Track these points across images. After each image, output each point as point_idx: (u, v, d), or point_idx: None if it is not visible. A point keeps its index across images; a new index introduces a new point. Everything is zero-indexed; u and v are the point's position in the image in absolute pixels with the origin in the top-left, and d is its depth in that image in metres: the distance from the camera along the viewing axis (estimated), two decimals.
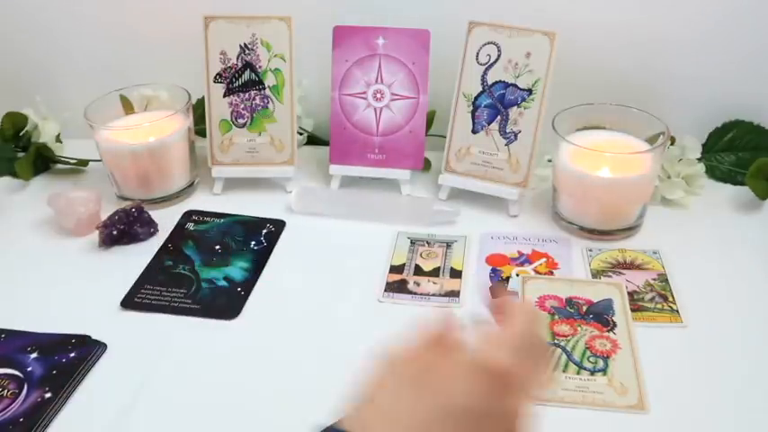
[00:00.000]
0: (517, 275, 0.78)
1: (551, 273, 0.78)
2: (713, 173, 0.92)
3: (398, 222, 0.86)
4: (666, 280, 0.76)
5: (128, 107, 0.94)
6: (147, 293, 0.76)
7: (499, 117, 0.86)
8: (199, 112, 0.96)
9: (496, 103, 0.85)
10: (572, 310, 0.72)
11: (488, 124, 0.86)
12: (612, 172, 0.80)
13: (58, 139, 1.02)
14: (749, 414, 0.61)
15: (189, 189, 0.94)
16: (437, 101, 0.92)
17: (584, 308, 0.72)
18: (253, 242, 0.84)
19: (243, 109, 0.91)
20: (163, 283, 0.78)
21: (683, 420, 0.61)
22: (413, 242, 0.84)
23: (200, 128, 0.96)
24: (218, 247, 0.84)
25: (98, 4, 1.00)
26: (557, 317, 0.71)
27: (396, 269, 0.79)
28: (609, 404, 0.62)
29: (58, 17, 1.02)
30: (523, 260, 0.80)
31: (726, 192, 0.90)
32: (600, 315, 0.71)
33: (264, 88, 0.91)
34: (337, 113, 0.91)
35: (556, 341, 0.68)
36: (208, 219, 0.89)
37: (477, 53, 0.85)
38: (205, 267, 0.80)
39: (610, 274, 0.77)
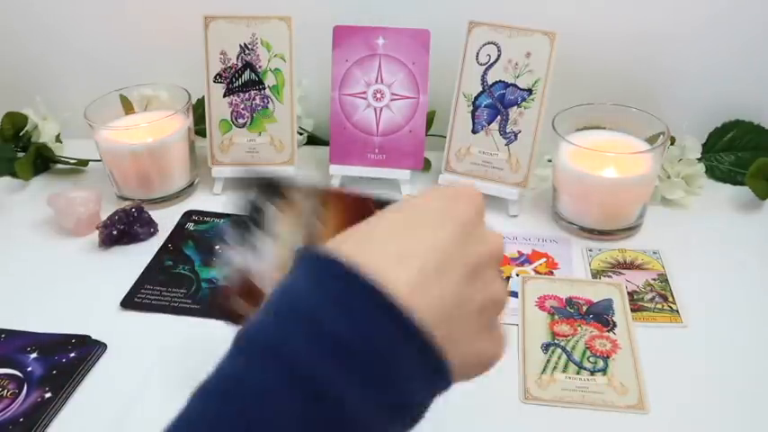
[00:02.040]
0: (517, 275, 0.78)
1: (551, 273, 0.78)
2: (713, 173, 0.92)
3: None
4: (666, 280, 0.76)
5: (128, 107, 0.94)
6: (147, 293, 0.76)
7: (499, 117, 0.86)
8: (199, 112, 0.96)
9: (496, 103, 0.85)
10: (572, 310, 0.72)
11: (488, 124, 0.86)
12: (613, 172, 0.80)
13: (58, 139, 1.02)
14: (749, 414, 0.61)
15: (189, 189, 0.94)
16: (437, 101, 0.92)
17: (585, 308, 0.72)
18: None
19: (243, 109, 0.91)
20: (163, 283, 0.78)
21: (683, 420, 0.61)
22: None
23: (200, 128, 0.96)
24: (218, 247, 0.84)
25: (98, 3, 1.00)
26: (557, 317, 0.71)
27: None
28: (609, 404, 0.62)
29: (58, 17, 1.02)
30: (523, 260, 0.80)
31: (726, 192, 0.90)
32: (600, 315, 0.71)
33: (264, 88, 0.91)
34: (337, 113, 0.91)
35: (556, 341, 0.69)
36: (208, 219, 0.89)
37: (477, 53, 0.85)
38: (205, 267, 0.80)
39: (610, 274, 0.77)
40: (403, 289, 0.35)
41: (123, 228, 0.84)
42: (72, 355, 0.68)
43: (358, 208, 0.45)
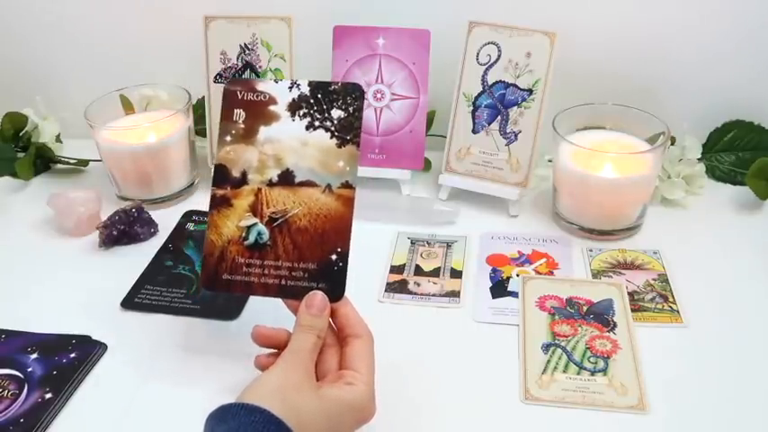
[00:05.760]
0: (517, 275, 0.78)
1: (551, 273, 0.78)
2: (713, 173, 0.92)
3: (398, 222, 0.86)
4: (666, 280, 0.76)
5: (128, 107, 0.94)
6: (148, 294, 0.76)
7: (499, 117, 0.86)
8: (199, 112, 0.96)
9: (497, 103, 0.85)
10: (572, 310, 0.72)
11: (488, 124, 0.86)
12: (613, 172, 0.80)
13: (58, 139, 1.03)
14: (749, 414, 0.61)
15: (189, 189, 0.94)
16: (437, 101, 0.92)
17: (585, 308, 0.72)
18: None
19: None
20: (163, 283, 0.78)
21: (684, 421, 0.61)
22: (413, 242, 0.84)
23: (200, 128, 0.96)
24: None
25: (98, 4, 1.00)
26: (557, 317, 0.71)
27: (396, 269, 0.79)
28: (609, 404, 0.62)
29: (58, 17, 1.02)
30: (524, 260, 0.80)
31: (726, 192, 0.90)
32: (600, 315, 0.71)
33: None
34: None
35: (556, 341, 0.69)
36: (208, 219, 0.88)
37: (478, 53, 0.85)
38: None
39: (610, 274, 0.77)
40: None
41: (123, 228, 0.84)
42: (72, 355, 0.68)
43: None
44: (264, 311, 0.74)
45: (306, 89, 0.65)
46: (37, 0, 1.01)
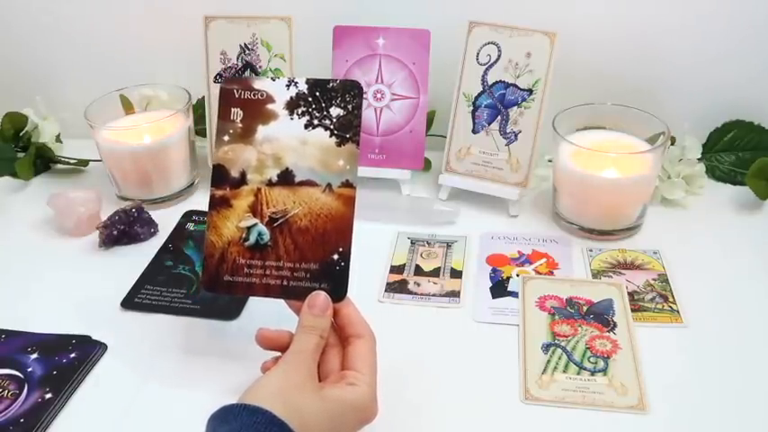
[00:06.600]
0: (517, 275, 0.78)
1: (552, 273, 0.78)
2: (713, 173, 0.92)
3: (398, 222, 0.86)
4: (666, 280, 0.76)
5: (128, 107, 0.94)
6: (148, 294, 0.76)
7: (499, 117, 0.86)
8: (199, 112, 0.96)
9: (497, 103, 0.85)
10: (572, 310, 0.72)
11: (488, 124, 0.86)
12: (613, 172, 0.80)
13: (58, 139, 1.03)
14: (749, 414, 0.61)
15: (189, 189, 0.94)
16: (437, 101, 0.92)
17: (585, 308, 0.72)
18: None
19: None
20: (163, 283, 0.78)
21: (684, 421, 0.61)
22: (413, 242, 0.84)
23: (200, 128, 0.96)
24: None
25: (98, 4, 1.00)
26: (557, 317, 0.71)
27: (396, 269, 0.79)
28: (609, 404, 0.62)
29: (58, 17, 1.02)
30: (524, 260, 0.80)
31: (726, 192, 0.90)
32: (600, 315, 0.71)
33: None
34: None
35: (556, 341, 0.69)
36: (207, 220, 0.88)
37: (478, 53, 0.85)
38: None
39: (610, 274, 0.77)
40: None
41: (123, 228, 0.84)
42: (72, 355, 0.68)
43: None
44: (265, 311, 0.75)
45: (303, 87, 0.64)
46: (37, 0, 1.01)
